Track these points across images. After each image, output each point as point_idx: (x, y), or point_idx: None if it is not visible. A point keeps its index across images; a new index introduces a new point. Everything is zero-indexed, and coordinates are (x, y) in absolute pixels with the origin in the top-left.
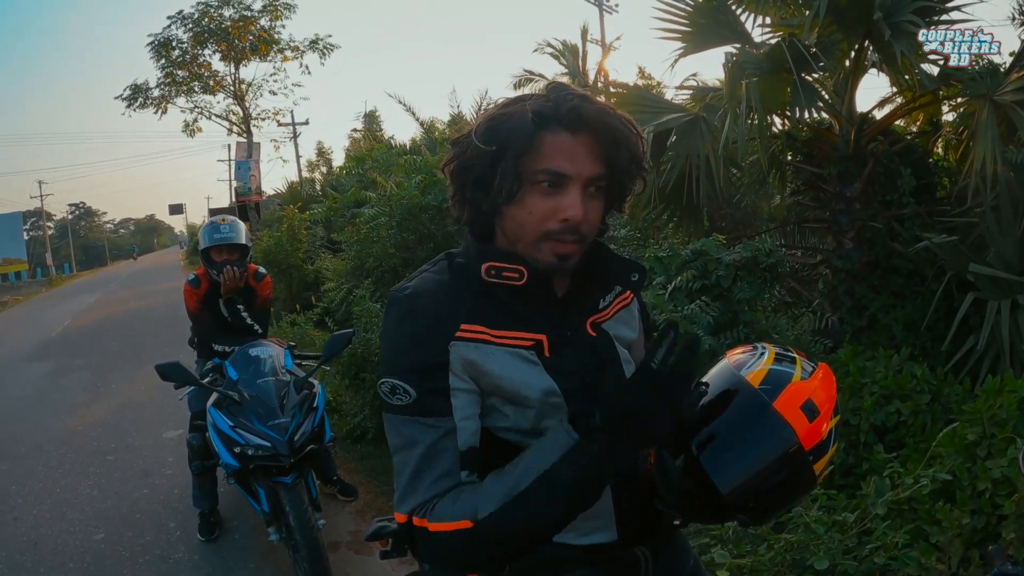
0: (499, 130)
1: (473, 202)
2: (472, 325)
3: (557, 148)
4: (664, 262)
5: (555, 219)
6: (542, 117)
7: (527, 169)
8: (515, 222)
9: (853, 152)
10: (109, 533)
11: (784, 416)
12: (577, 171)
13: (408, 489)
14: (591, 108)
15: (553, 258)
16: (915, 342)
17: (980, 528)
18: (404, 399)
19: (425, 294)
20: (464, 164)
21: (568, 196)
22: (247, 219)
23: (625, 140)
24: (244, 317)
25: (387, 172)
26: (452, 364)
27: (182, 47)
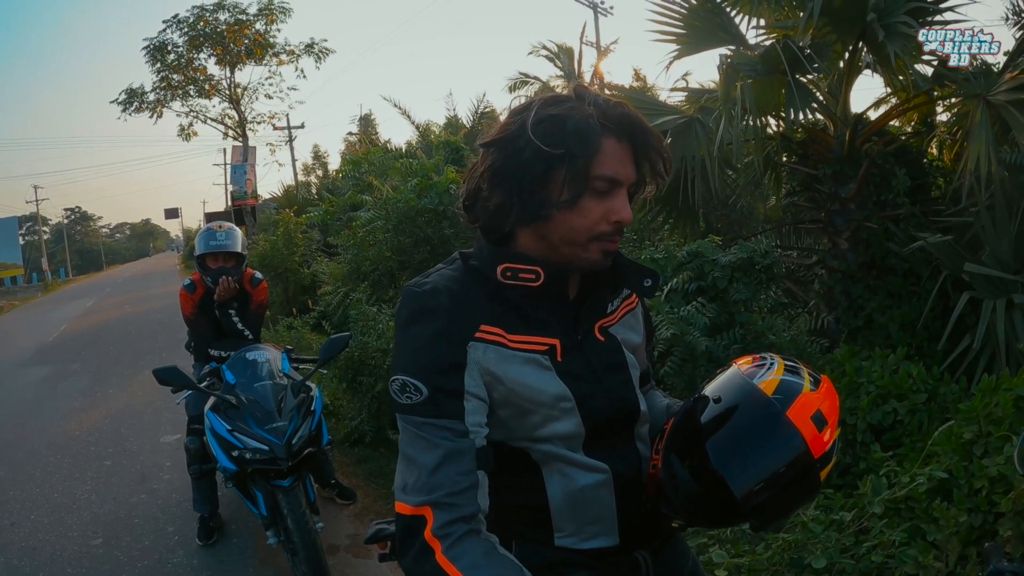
0: (562, 133)
1: (523, 206)
2: (491, 327)
3: (612, 154)
4: (660, 264)
5: (607, 222)
6: (600, 124)
7: (588, 174)
8: (567, 226)
9: (848, 153)
10: (107, 538)
11: (796, 425)
12: (626, 176)
13: (416, 480)
14: (633, 115)
15: (600, 256)
16: (911, 342)
17: (977, 526)
18: (415, 397)
19: (445, 291)
20: (519, 166)
21: (619, 200)
22: (243, 223)
23: (657, 147)
24: (235, 322)
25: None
26: (469, 365)
27: (177, 51)
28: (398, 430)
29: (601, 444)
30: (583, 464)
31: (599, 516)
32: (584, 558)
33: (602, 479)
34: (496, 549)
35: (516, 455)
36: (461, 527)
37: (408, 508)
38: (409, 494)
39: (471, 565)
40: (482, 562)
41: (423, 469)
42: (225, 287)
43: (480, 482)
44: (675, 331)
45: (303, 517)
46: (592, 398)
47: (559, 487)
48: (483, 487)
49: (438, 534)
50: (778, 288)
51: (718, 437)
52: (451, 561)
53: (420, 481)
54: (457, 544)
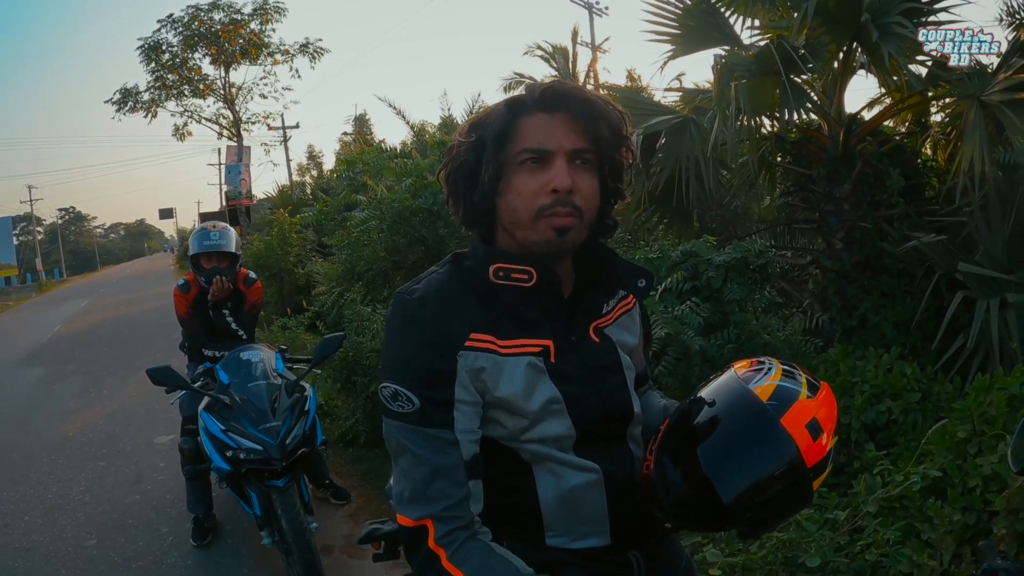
0: (478, 124)
1: (466, 197)
2: (481, 334)
3: (535, 128)
4: (654, 264)
5: (544, 193)
6: (515, 104)
7: (509, 155)
8: (509, 209)
9: (842, 153)
10: (101, 539)
11: (790, 433)
12: (558, 145)
13: (413, 495)
14: (564, 87)
15: (552, 233)
16: (905, 341)
17: (971, 525)
18: (407, 407)
19: (435, 299)
20: (453, 164)
21: (553, 168)
22: (237, 223)
23: (604, 114)
24: (229, 322)
25: (378, 175)
26: (459, 374)
27: (172, 51)
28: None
29: (593, 445)
30: (574, 464)
31: (590, 516)
32: (575, 558)
33: (593, 479)
34: (495, 550)
35: (507, 454)
36: (461, 534)
37: (409, 521)
38: (408, 507)
39: (476, 568)
40: (485, 564)
41: (418, 482)
42: (219, 287)
43: (473, 492)
44: (669, 331)
45: (297, 517)
46: (584, 400)
47: (550, 487)
48: (476, 495)
49: (441, 543)
50: (773, 288)
51: (710, 442)
52: (456, 566)
53: (416, 494)
54: (460, 550)
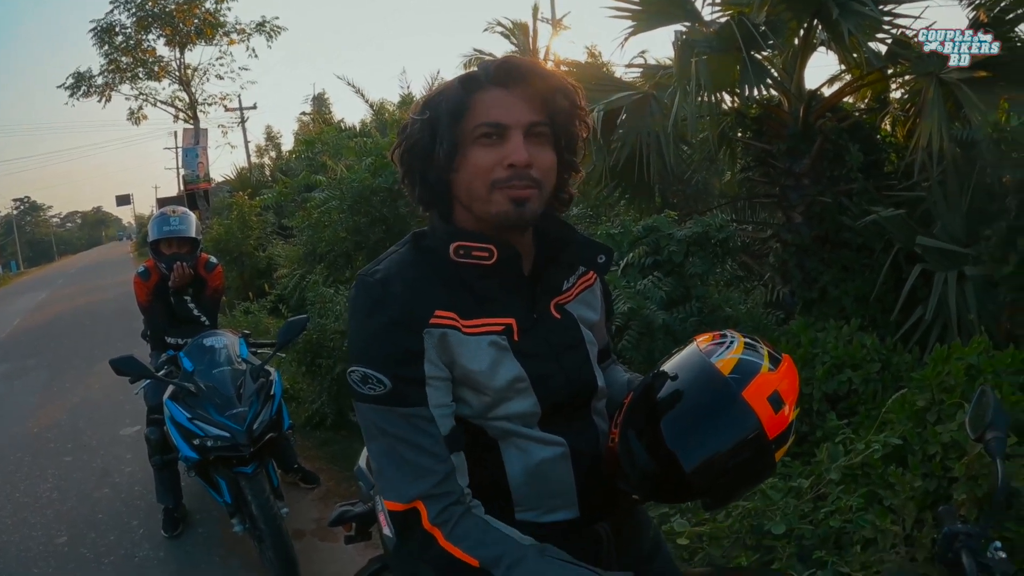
0: (432, 101)
1: (421, 176)
2: (445, 312)
3: (490, 103)
4: (616, 239)
5: (500, 167)
6: (470, 80)
7: (465, 131)
8: (465, 185)
9: (802, 129)
10: (72, 536)
11: (752, 405)
12: (515, 119)
13: (399, 478)
14: (519, 62)
15: (510, 205)
16: (865, 313)
17: (932, 491)
18: (378, 389)
19: (397, 279)
20: (407, 143)
21: (510, 143)
22: (196, 208)
23: (559, 86)
24: (191, 308)
25: (337, 155)
26: (427, 352)
27: (125, 32)
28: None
29: (558, 420)
30: (540, 439)
31: (558, 490)
32: (545, 531)
33: (560, 453)
34: (491, 524)
35: (474, 432)
36: (455, 510)
37: (400, 505)
38: (394, 490)
39: (475, 544)
40: (482, 539)
41: (400, 463)
42: (180, 273)
43: (457, 465)
44: (632, 305)
45: (267, 503)
46: (549, 377)
47: (517, 462)
48: (461, 467)
49: (436, 522)
50: (734, 262)
51: (673, 415)
52: (455, 544)
53: (401, 476)
54: (457, 527)
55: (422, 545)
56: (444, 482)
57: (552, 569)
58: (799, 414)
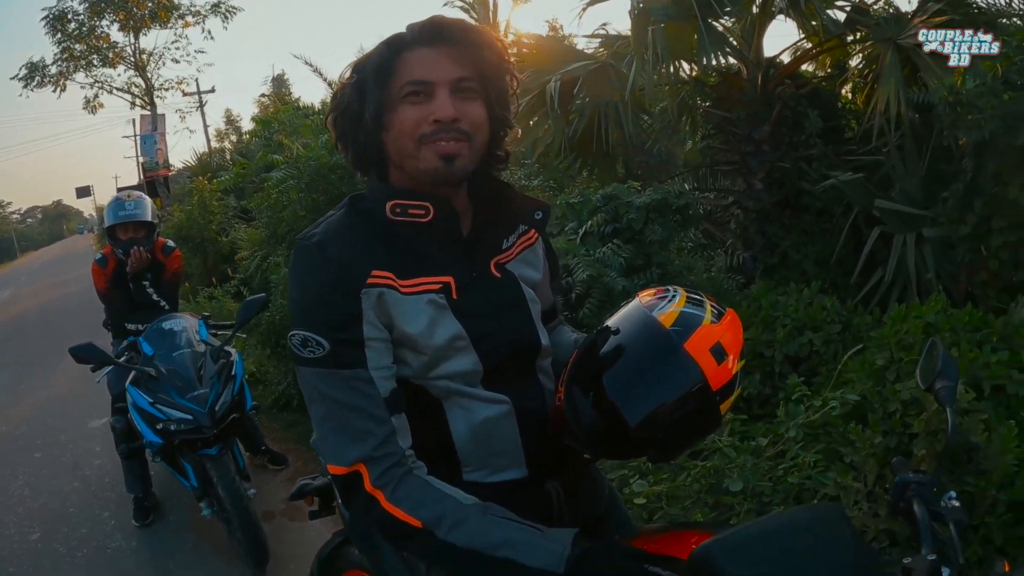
0: (360, 65)
1: (353, 138)
2: (382, 271)
3: (415, 62)
4: (576, 208)
5: (426, 123)
6: (395, 41)
7: (392, 91)
8: (395, 144)
9: (761, 96)
10: (45, 532)
11: (694, 357)
12: (440, 76)
13: (340, 441)
14: (444, 20)
15: (439, 162)
16: (825, 276)
17: (893, 447)
18: (317, 351)
19: (334, 241)
20: (339, 107)
21: (436, 100)
22: (156, 195)
23: (486, 42)
24: (150, 293)
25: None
26: (365, 312)
27: (78, 19)
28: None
29: (502, 378)
30: (482, 397)
31: (504, 449)
32: (494, 491)
33: (503, 411)
34: (432, 484)
35: (417, 392)
36: (396, 472)
37: (341, 468)
38: (336, 454)
39: (417, 504)
40: (424, 499)
41: (341, 426)
42: (137, 258)
43: (398, 426)
44: (591, 272)
45: (233, 484)
46: (489, 335)
47: (461, 421)
48: (402, 429)
49: (378, 484)
50: (697, 230)
51: (615, 369)
52: (396, 505)
53: (342, 439)
54: (398, 489)
55: (365, 508)
56: (384, 444)
57: (494, 527)
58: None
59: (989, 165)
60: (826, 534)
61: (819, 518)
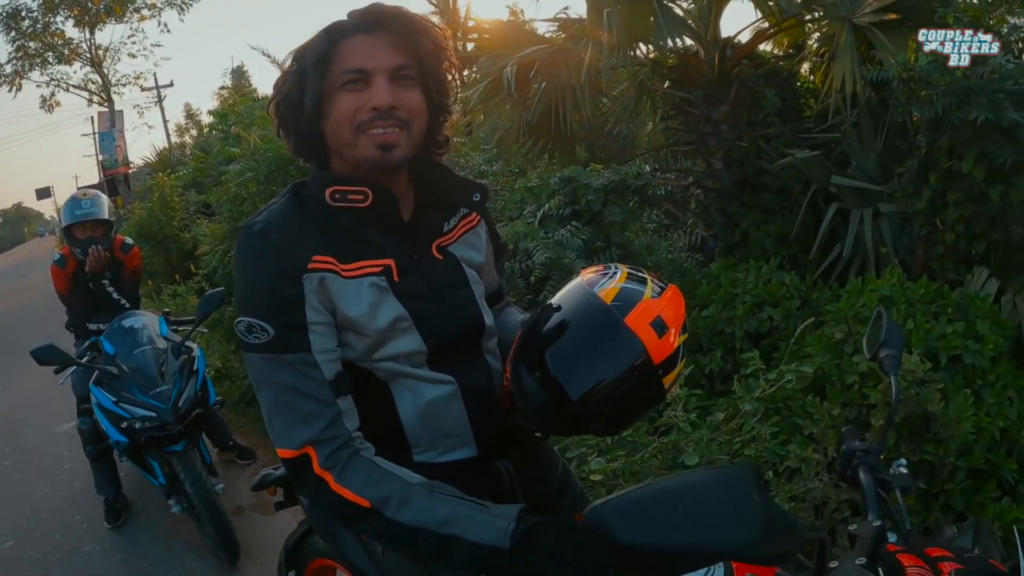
0: (300, 53)
1: (294, 126)
2: (323, 256)
3: (353, 50)
4: (534, 191)
5: (364, 110)
6: (334, 29)
7: (331, 79)
8: (334, 133)
9: (718, 76)
10: (18, 539)
11: (634, 331)
12: (377, 64)
13: (287, 425)
14: (382, 7)
15: (376, 151)
16: (786, 253)
17: (852, 419)
18: (262, 337)
19: (276, 228)
20: (280, 95)
21: (373, 87)
22: (117, 193)
23: (424, 29)
24: (110, 292)
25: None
26: (307, 297)
27: (32, 16)
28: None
29: (448, 359)
30: (428, 378)
31: (452, 429)
32: (444, 471)
33: (449, 391)
34: (379, 464)
35: (363, 375)
36: (344, 453)
37: (290, 452)
38: (284, 438)
39: (363, 484)
40: (371, 479)
41: (288, 410)
42: (95, 257)
43: (344, 408)
44: (551, 255)
45: (201, 480)
46: (433, 316)
47: (408, 403)
48: (349, 411)
49: (326, 466)
50: (659, 210)
51: (558, 345)
52: (344, 486)
53: (289, 422)
54: (345, 470)
55: (314, 490)
56: (331, 426)
57: (440, 505)
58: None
59: (942, 140)
60: (734, 494)
61: (728, 478)
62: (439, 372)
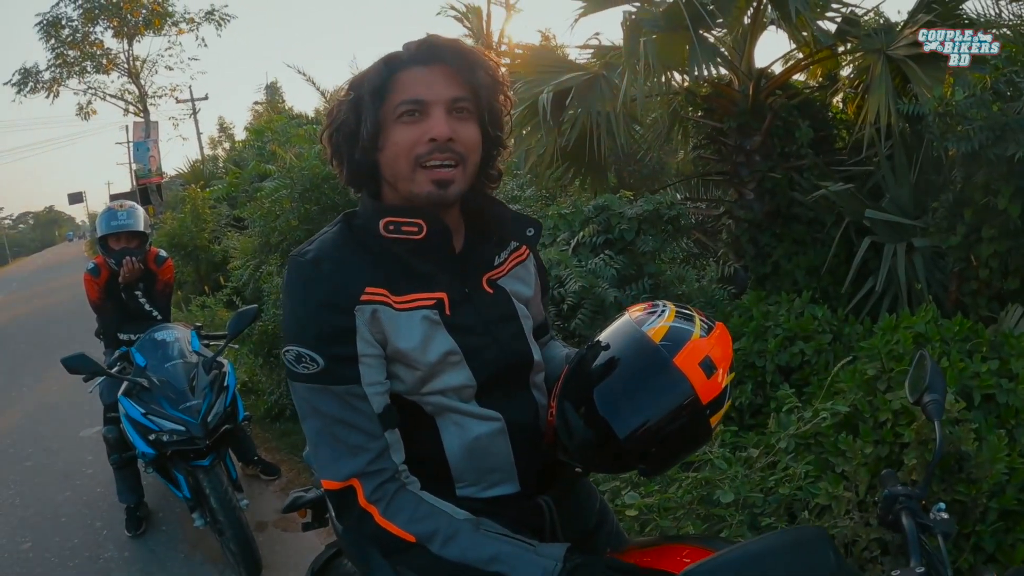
0: (357, 82)
1: (348, 156)
2: (375, 288)
3: (411, 81)
4: (568, 219)
5: (421, 142)
6: (391, 60)
7: (387, 109)
8: (390, 165)
9: (752, 107)
10: (36, 541)
11: (683, 371)
12: (436, 95)
13: (334, 456)
14: (440, 40)
15: (432, 187)
16: (817, 286)
17: (884, 457)
18: (311, 367)
19: (328, 259)
20: (334, 123)
21: (431, 119)
22: (149, 202)
23: (480, 62)
24: (143, 303)
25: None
26: (359, 329)
27: (72, 25)
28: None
29: (495, 394)
30: (475, 414)
31: (497, 464)
32: (487, 506)
33: (496, 427)
34: (425, 499)
35: (410, 408)
36: (390, 487)
37: (335, 484)
38: (329, 469)
39: (410, 519)
40: (417, 514)
41: (335, 441)
42: (129, 268)
43: (391, 442)
44: (583, 283)
45: (226, 495)
46: (483, 351)
47: (454, 437)
48: (395, 444)
49: (371, 499)
50: (688, 239)
51: (606, 383)
52: (390, 520)
53: (336, 454)
54: (391, 504)
55: (359, 522)
56: (378, 459)
57: (486, 542)
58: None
59: (978, 175)
60: (807, 558)
61: (801, 541)
62: (486, 408)
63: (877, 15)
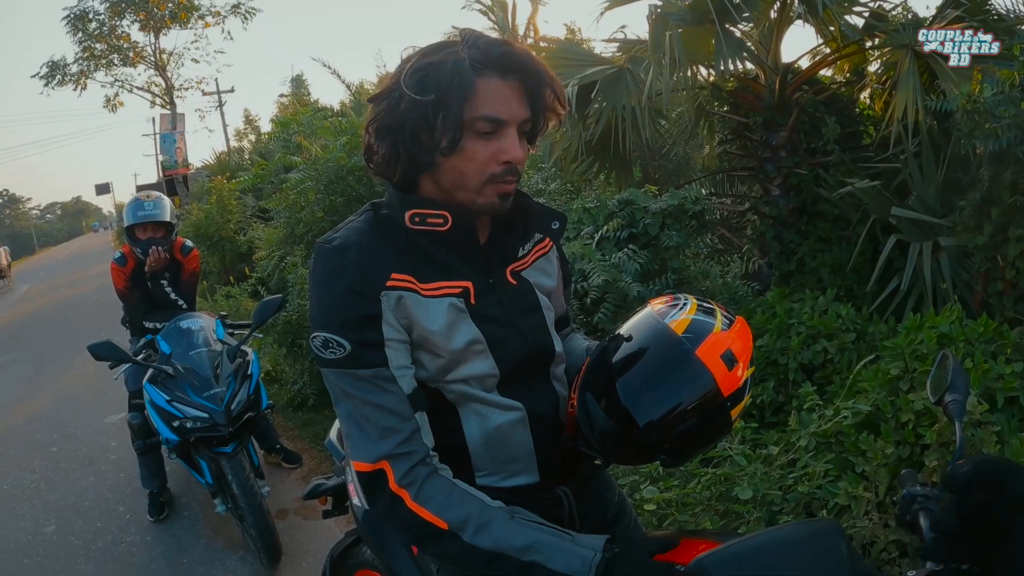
0: (433, 79)
1: (409, 156)
2: (402, 275)
3: (492, 93)
4: (592, 213)
5: (496, 162)
6: (476, 63)
7: (465, 118)
8: (456, 171)
9: (778, 102)
10: (60, 524)
11: (705, 363)
12: (512, 115)
13: (364, 438)
14: (518, 52)
15: (497, 199)
16: (841, 284)
17: (905, 458)
18: (339, 352)
19: (354, 246)
20: (396, 118)
21: (508, 139)
22: (175, 193)
23: (551, 83)
24: (168, 292)
25: (312, 135)
26: (384, 314)
27: (99, 19)
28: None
29: (516, 384)
30: (497, 403)
31: (517, 454)
32: (506, 496)
33: (517, 417)
34: (458, 486)
35: (432, 397)
36: (421, 471)
37: (366, 466)
38: (360, 451)
39: (442, 506)
40: (449, 501)
41: (365, 423)
42: (156, 258)
43: (421, 424)
44: (607, 278)
45: (248, 482)
46: (506, 340)
47: (475, 426)
48: (425, 426)
49: (403, 483)
50: (713, 234)
51: (628, 375)
52: (422, 505)
53: (366, 435)
54: (423, 489)
55: (389, 506)
56: (408, 441)
57: (523, 531)
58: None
59: (1006, 174)
60: (822, 550)
61: (816, 533)
62: (508, 398)
63: (905, 10)
